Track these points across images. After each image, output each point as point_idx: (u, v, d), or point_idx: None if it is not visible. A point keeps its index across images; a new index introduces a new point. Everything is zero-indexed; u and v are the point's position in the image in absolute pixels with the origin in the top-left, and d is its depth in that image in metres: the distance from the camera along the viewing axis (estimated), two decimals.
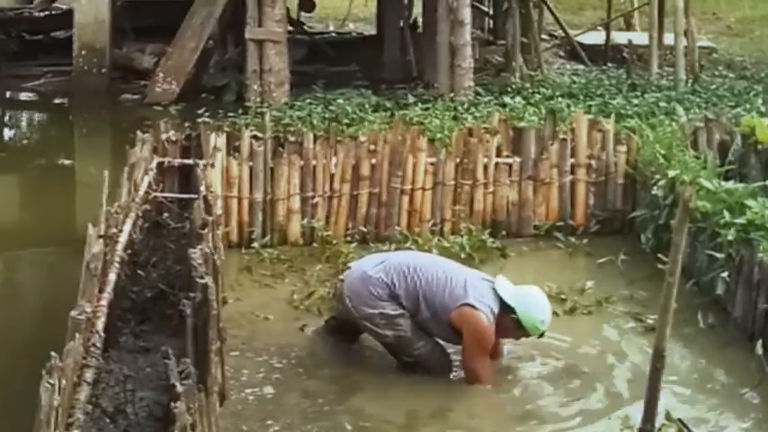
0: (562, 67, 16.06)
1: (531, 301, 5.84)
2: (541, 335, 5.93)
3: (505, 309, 5.78)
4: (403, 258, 6.17)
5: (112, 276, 5.23)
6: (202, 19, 13.88)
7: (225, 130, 8.66)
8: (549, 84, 13.42)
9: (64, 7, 16.95)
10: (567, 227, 8.37)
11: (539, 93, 12.78)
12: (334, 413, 5.50)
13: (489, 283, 5.91)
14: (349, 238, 7.95)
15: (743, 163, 8.16)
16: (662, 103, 11.69)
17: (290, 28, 15.46)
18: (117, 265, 5.39)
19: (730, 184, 7.29)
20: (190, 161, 7.85)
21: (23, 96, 15.18)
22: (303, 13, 17.59)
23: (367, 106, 12.04)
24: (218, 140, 8.02)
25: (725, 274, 6.73)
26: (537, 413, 5.60)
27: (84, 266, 4.88)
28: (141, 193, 6.82)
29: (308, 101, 12.42)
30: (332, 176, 8.11)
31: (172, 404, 3.76)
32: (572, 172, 8.44)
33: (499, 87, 13.25)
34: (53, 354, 3.74)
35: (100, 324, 4.62)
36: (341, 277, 6.22)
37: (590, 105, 11.77)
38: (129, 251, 5.92)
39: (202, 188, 6.94)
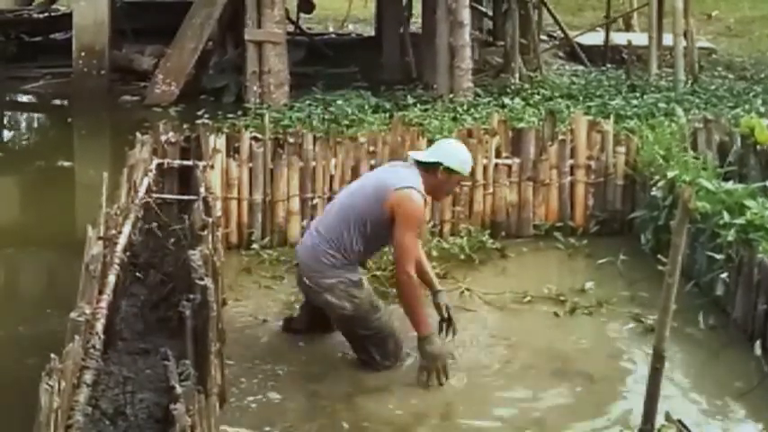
0: (561, 68, 16.07)
1: (447, 147, 6.22)
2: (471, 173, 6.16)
3: (430, 168, 6.03)
4: (325, 208, 6.35)
5: (112, 278, 5.22)
6: (202, 20, 13.89)
7: (224, 132, 8.67)
8: (548, 85, 13.43)
9: (63, 9, 16.97)
10: (567, 228, 8.37)
11: (538, 94, 12.80)
12: (334, 413, 5.50)
13: (402, 165, 6.20)
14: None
15: (742, 164, 8.16)
16: (661, 104, 11.71)
17: (290, 29, 15.47)
18: (116, 266, 5.39)
19: (730, 185, 7.29)
20: (189, 162, 7.85)
21: (23, 98, 15.19)
22: (302, 15, 17.60)
23: (366, 107, 12.06)
24: (217, 142, 8.02)
25: (724, 275, 6.73)
26: (536, 414, 5.59)
27: (84, 268, 4.87)
28: (141, 194, 6.81)
29: (308, 102, 12.43)
30: (331, 178, 8.11)
31: (171, 406, 3.76)
32: (571, 173, 8.44)
33: (498, 88, 13.27)
34: (52, 355, 3.74)
35: (99, 326, 4.61)
36: (295, 261, 6.29)
37: (589, 106, 11.78)
38: (128, 253, 5.92)
39: (202, 189, 6.94)
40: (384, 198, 5.88)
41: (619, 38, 16.55)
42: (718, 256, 6.80)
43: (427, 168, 6.04)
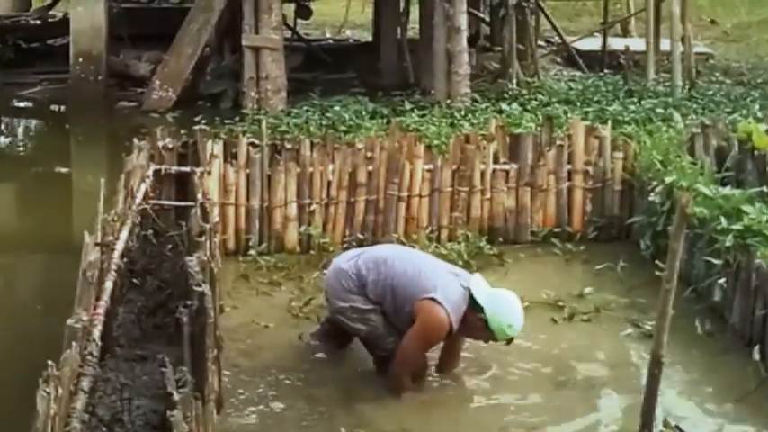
0: (559, 73, 16.07)
1: (503, 304, 5.80)
2: (509, 341, 5.87)
3: (475, 307, 5.72)
4: (378, 251, 6.21)
5: (109, 284, 5.21)
6: (199, 26, 13.87)
7: (222, 138, 8.67)
8: (545, 90, 13.42)
9: (60, 15, 16.96)
10: (565, 233, 8.36)
11: (535, 99, 12.79)
12: (332, 419, 5.50)
13: (463, 281, 5.85)
14: (346, 246, 7.93)
15: (740, 169, 8.16)
16: (659, 110, 11.71)
17: (287, 35, 15.48)
18: (113, 273, 5.38)
19: (727, 190, 7.30)
20: (187, 169, 7.85)
21: (20, 104, 15.17)
22: (300, 21, 17.60)
23: (364, 113, 12.05)
24: (214, 148, 8.01)
25: (722, 281, 6.73)
26: (535, 420, 5.59)
27: (81, 274, 4.87)
28: (138, 200, 6.81)
29: (305, 108, 12.43)
30: (329, 183, 8.10)
31: (168, 412, 3.76)
32: (569, 178, 8.43)
33: (496, 94, 13.26)
34: (50, 362, 3.73)
35: (96, 332, 4.61)
36: (325, 271, 6.26)
37: (587, 112, 11.78)
38: (125, 259, 5.91)
39: (199, 196, 6.94)
40: (420, 294, 5.71)
41: (616, 43, 16.53)
42: (715, 262, 6.80)
43: (474, 304, 5.77)
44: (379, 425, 5.49)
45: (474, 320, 5.74)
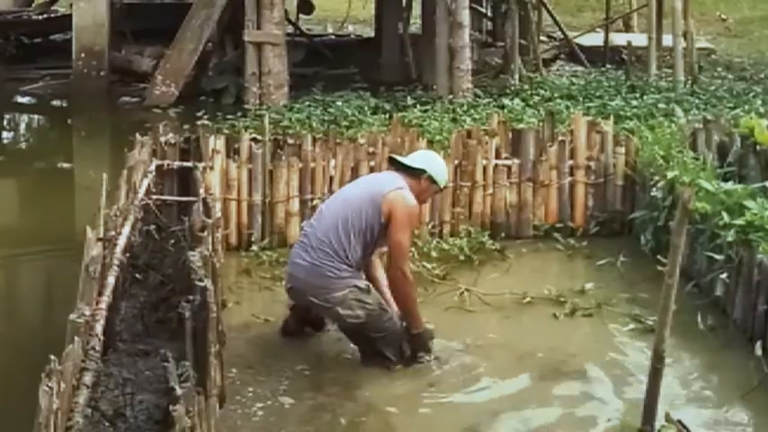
0: (561, 68, 16.08)
1: (428, 156, 6.48)
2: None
3: (414, 174, 6.18)
4: (318, 219, 6.18)
5: (111, 279, 5.22)
6: (201, 21, 13.88)
7: (224, 133, 8.67)
8: (547, 85, 13.43)
9: (62, 10, 16.96)
10: (567, 228, 8.36)
11: (537, 94, 12.79)
12: (335, 412, 5.50)
13: (386, 173, 6.36)
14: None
15: (742, 164, 8.15)
16: (661, 105, 11.71)
17: (289, 30, 15.47)
18: (116, 268, 5.38)
19: (729, 186, 7.29)
20: (189, 164, 7.85)
21: (22, 99, 15.18)
22: (302, 16, 17.60)
23: (366, 108, 12.07)
24: (217, 143, 8.01)
25: (724, 276, 6.73)
26: (536, 415, 5.59)
27: (83, 269, 4.87)
28: (140, 195, 6.81)
29: (307, 103, 12.44)
30: (331, 179, 8.10)
31: (171, 407, 3.76)
32: (571, 173, 8.43)
33: (498, 89, 13.27)
34: (52, 357, 3.74)
35: (99, 327, 4.61)
36: (288, 285, 6.21)
37: (589, 107, 11.78)
38: (127, 254, 5.92)
39: (201, 191, 6.94)
40: (380, 204, 5.96)
41: (618, 38, 16.54)
42: (717, 257, 6.80)
43: (412, 175, 6.18)
44: (382, 418, 5.49)
45: (422, 184, 6.21)
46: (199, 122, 11.44)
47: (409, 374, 5.96)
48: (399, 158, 6.37)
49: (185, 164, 7.92)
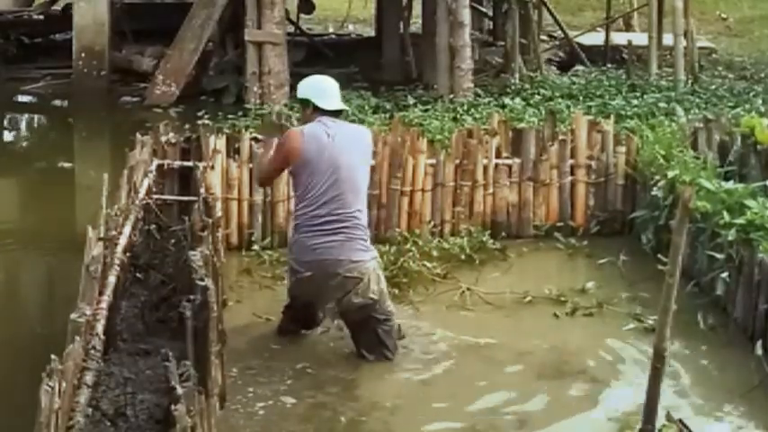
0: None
1: (308, 82, 6.37)
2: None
3: (308, 106, 6.24)
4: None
5: (112, 279, 5.22)
6: (202, 21, 13.88)
7: (225, 133, 8.66)
8: (548, 85, 13.42)
9: (63, 10, 16.95)
10: (567, 228, 8.36)
11: (538, 94, 12.79)
12: (336, 410, 5.51)
13: (332, 123, 6.22)
14: None
15: (742, 163, 8.15)
16: (661, 104, 11.71)
17: (290, 30, 15.47)
18: (117, 267, 5.39)
19: (730, 185, 7.29)
20: (189, 163, 7.85)
21: (23, 99, 15.19)
22: (302, 15, 17.60)
23: (366, 108, 12.07)
24: (217, 143, 8.01)
25: (725, 275, 6.73)
26: (536, 414, 5.59)
27: (84, 269, 4.87)
28: (141, 195, 6.81)
29: None
30: None
31: (172, 407, 3.76)
32: (572, 173, 8.43)
33: (499, 88, 13.27)
34: (53, 356, 3.74)
35: (100, 327, 4.61)
36: (307, 274, 6.08)
37: (589, 106, 11.78)
38: (128, 254, 5.92)
39: (202, 190, 6.94)
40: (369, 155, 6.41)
41: (619, 38, 16.54)
42: (718, 256, 6.80)
43: (306, 104, 6.26)
44: (382, 418, 5.49)
45: (308, 115, 6.23)
46: (199, 122, 11.44)
47: (409, 374, 5.97)
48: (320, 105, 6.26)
49: (186, 163, 7.92)
